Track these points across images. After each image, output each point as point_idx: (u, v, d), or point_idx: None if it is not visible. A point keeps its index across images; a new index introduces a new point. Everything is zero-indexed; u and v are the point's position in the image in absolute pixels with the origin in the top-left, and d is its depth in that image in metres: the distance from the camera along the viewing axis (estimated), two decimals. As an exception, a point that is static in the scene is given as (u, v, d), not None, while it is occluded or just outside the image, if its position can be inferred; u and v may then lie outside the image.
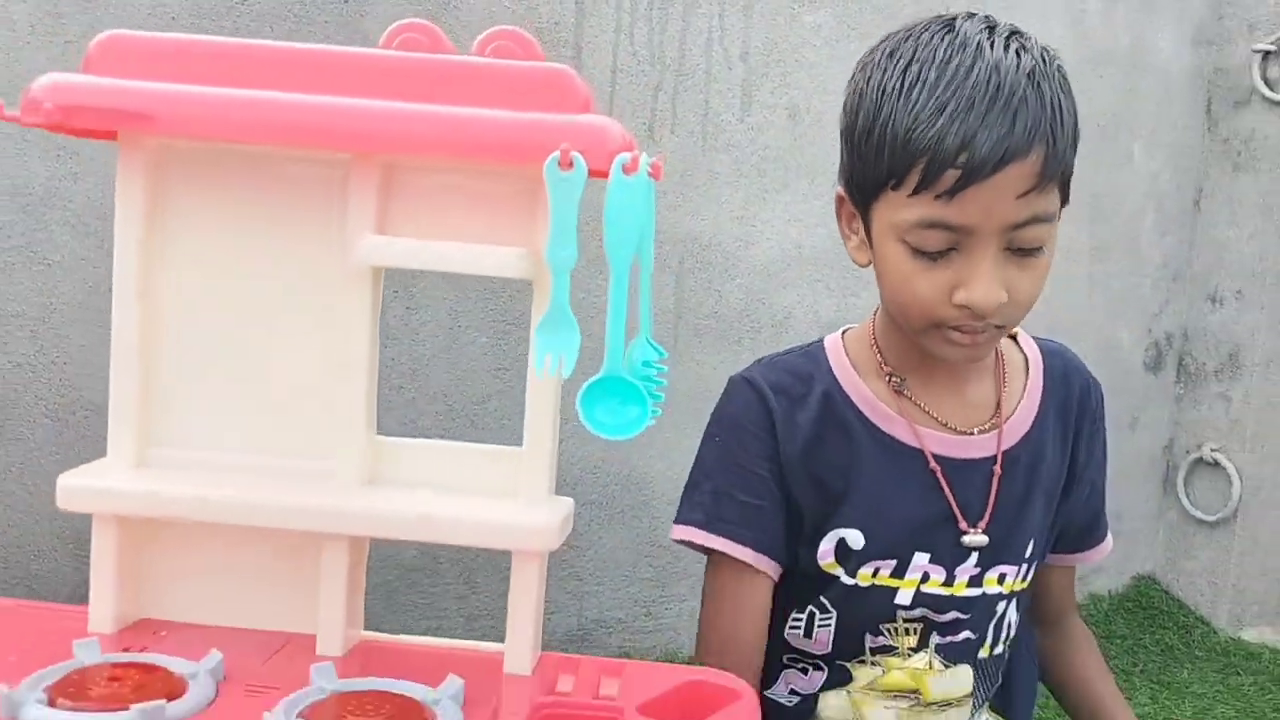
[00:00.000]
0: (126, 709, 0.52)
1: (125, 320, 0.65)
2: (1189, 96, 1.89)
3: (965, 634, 0.86)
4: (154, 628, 0.66)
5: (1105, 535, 0.97)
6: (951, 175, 0.75)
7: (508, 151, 0.59)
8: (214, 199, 0.64)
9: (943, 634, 0.86)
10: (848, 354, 0.93)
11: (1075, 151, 0.82)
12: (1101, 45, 1.79)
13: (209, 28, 1.24)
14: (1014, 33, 0.81)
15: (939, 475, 0.87)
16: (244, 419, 0.66)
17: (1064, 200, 0.81)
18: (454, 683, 0.58)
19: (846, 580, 0.86)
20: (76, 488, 0.63)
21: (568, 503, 0.66)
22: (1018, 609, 0.92)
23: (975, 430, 0.89)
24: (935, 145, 0.76)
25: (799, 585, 0.86)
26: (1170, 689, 1.63)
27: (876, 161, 0.80)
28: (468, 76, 0.61)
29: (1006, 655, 0.91)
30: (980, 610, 0.86)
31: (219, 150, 0.63)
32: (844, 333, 0.94)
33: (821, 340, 0.94)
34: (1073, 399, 0.93)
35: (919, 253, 0.79)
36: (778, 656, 0.90)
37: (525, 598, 0.64)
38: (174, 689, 0.56)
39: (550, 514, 0.63)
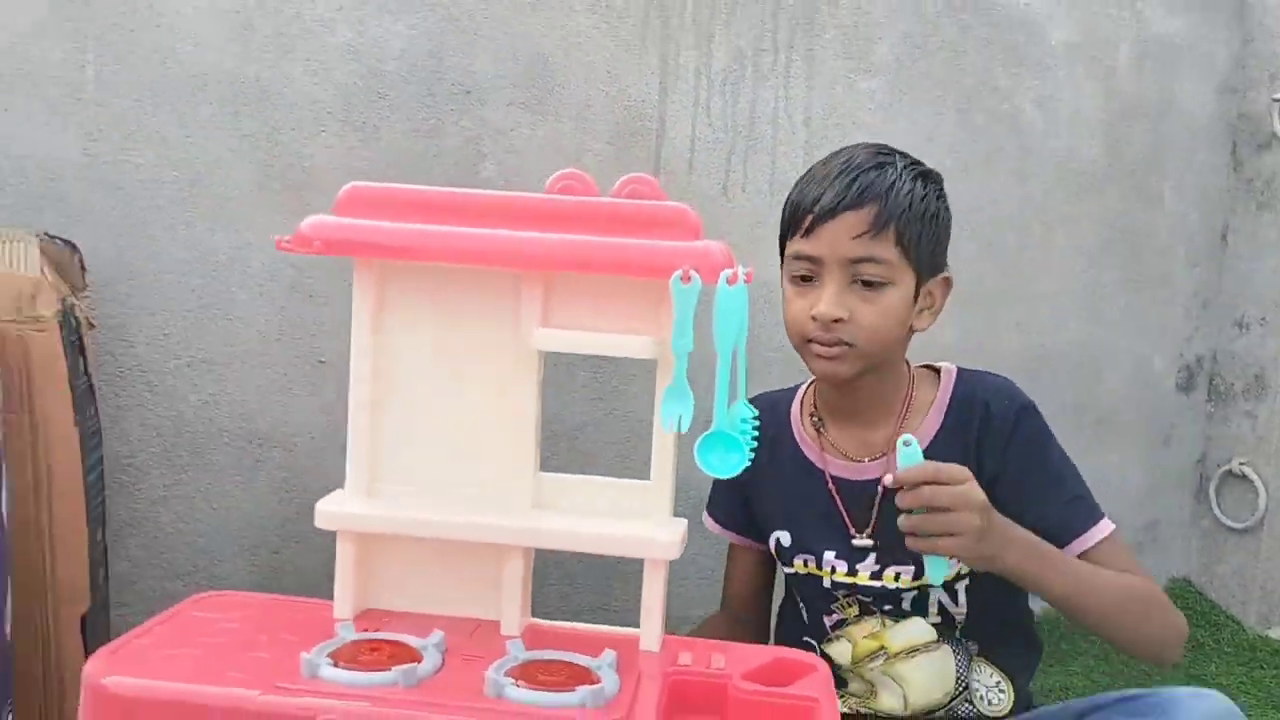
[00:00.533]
0: (389, 669, 0.75)
1: (359, 389, 0.88)
2: (1215, 141, 2.06)
3: (889, 606, 1.11)
4: (379, 615, 0.89)
5: (1085, 528, 1.11)
6: (808, 218, 1.05)
7: (641, 270, 0.81)
8: (423, 300, 0.87)
9: (876, 607, 1.11)
10: (803, 395, 1.22)
11: (923, 231, 1.08)
12: (1132, 99, 1.96)
13: (355, 120, 1.48)
14: (890, 152, 1.10)
15: (834, 493, 1.13)
16: (443, 461, 0.88)
17: (917, 271, 1.07)
18: (609, 654, 0.80)
19: (787, 570, 1.17)
20: (327, 513, 0.86)
21: (683, 522, 0.88)
22: (955, 598, 1.11)
23: (867, 459, 1.13)
24: (799, 203, 1.08)
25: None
26: (1198, 680, 1.79)
27: (783, 225, 1.11)
28: (610, 214, 0.83)
29: (963, 614, 1.12)
30: (889, 598, 1.11)
31: (427, 267, 0.86)
32: (812, 381, 1.20)
33: (803, 383, 1.22)
34: (973, 423, 1.12)
35: (793, 281, 1.08)
36: None
37: (654, 594, 0.86)
38: (414, 657, 0.78)
39: (672, 532, 0.85)
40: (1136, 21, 1.94)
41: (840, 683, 1.13)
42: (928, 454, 1.01)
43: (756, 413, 0.84)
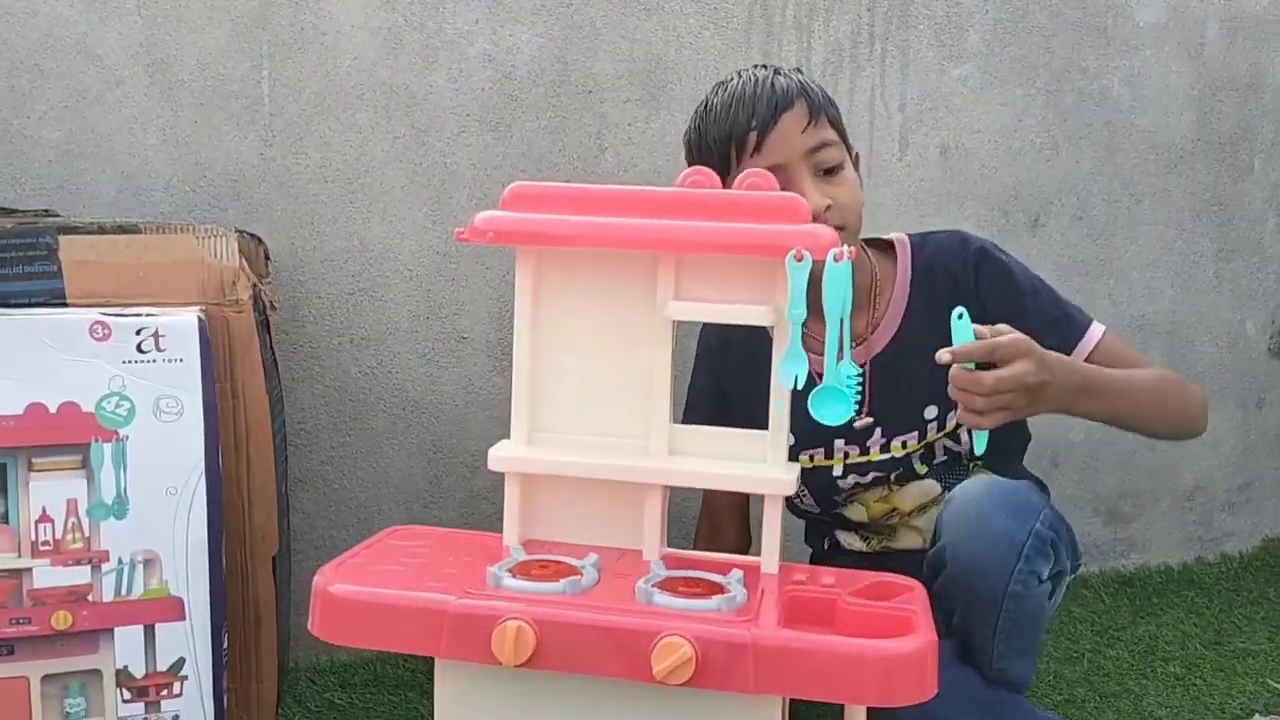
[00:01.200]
0: (558, 581, 0.92)
1: (521, 354, 1.04)
2: (1306, 112, 2.11)
3: (900, 470, 1.22)
4: (538, 544, 1.06)
5: (1079, 338, 1.19)
6: (752, 137, 1.12)
7: (760, 250, 0.96)
8: (574, 280, 1.03)
9: (886, 473, 1.22)
10: None
11: (837, 112, 1.18)
12: (1221, 74, 2.02)
13: (491, 121, 1.65)
14: (764, 65, 1.20)
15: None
16: (591, 414, 1.04)
17: (847, 147, 1.18)
18: (737, 573, 0.96)
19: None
20: (497, 457, 1.03)
21: (796, 466, 1.02)
22: (969, 434, 1.12)
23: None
24: (733, 126, 1.14)
25: None
26: (1291, 634, 1.87)
27: (716, 157, 1.16)
28: (732, 203, 0.98)
29: (968, 448, 1.17)
30: (899, 464, 1.22)
31: (578, 251, 1.02)
32: None
33: None
34: (938, 289, 1.19)
35: None
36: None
37: (773, 525, 1.00)
38: (576, 573, 0.95)
39: (788, 471, 1.00)
40: (1224, 1, 2.00)
41: (858, 527, 1.27)
42: (903, 332, 1.12)
43: (860, 370, 0.98)
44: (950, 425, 1.21)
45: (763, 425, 1.01)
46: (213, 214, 1.55)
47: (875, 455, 1.23)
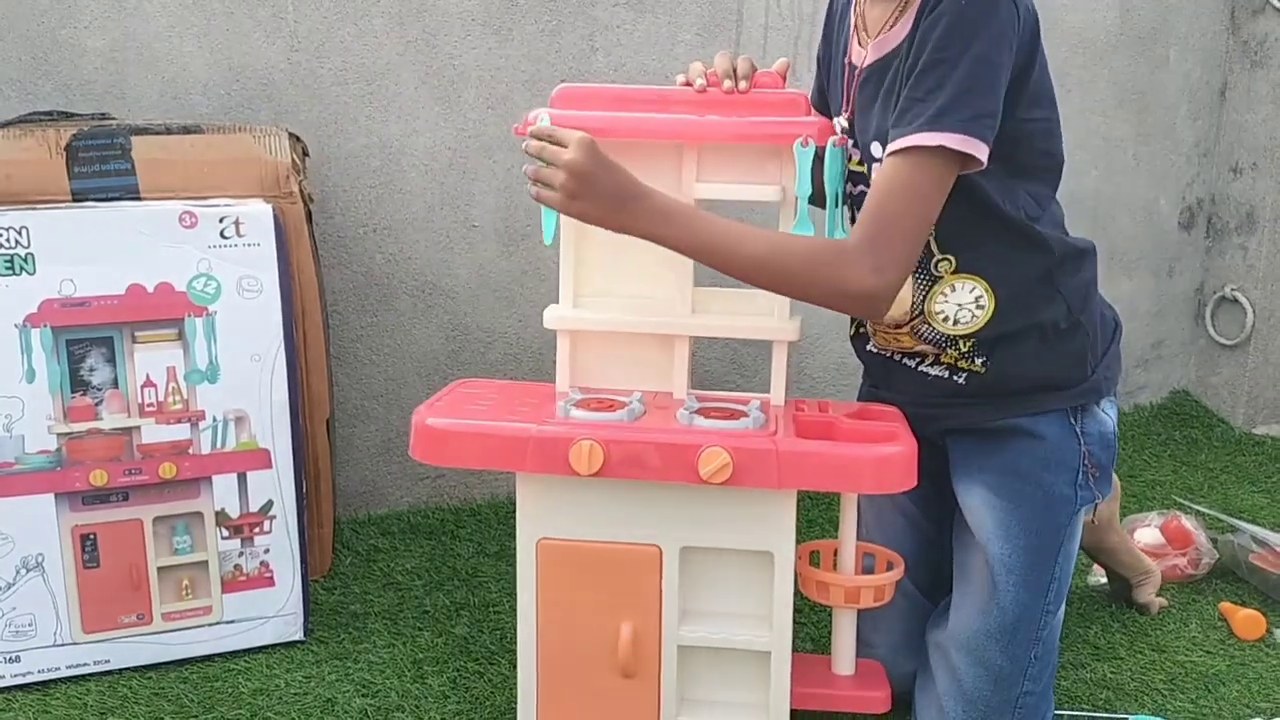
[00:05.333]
0: (615, 411, 1.14)
1: (566, 233, 1.24)
2: (1215, 8, 2.31)
3: (864, 188, 1.18)
4: (586, 389, 1.27)
5: (902, 132, 1.05)
6: None
7: (771, 138, 1.16)
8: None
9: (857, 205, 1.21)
10: None
11: None
12: (1143, -28, 2.25)
13: (494, 25, 1.80)
14: None
15: (844, 70, 1.23)
16: (626, 281, 1.24)
17: None
18: (755, 402, 1.19)
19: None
20: (551, 316, 1.23)
21: (799, 319, 1.24)
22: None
23: (869, 42, 1.18)
24: None
25: None
26: (1190, 465, 2.16)
27: None
28: (748, 100, 1.18)
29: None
30: (862, 180, 1.20)
31: (616, 142, 1.20)
32: None
33: None
34: (925, 19, 1.06)
35: None
36: None
37: (780, 365, 1.23)
38: (626, 407, 1.16)
39: (793, 324, 1.22)
40: (1147, -96, 2.21)
41: None
42: (900, 46, 1.09)
43: (846, 231, 1.19)
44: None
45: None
46: (246, 115, 1.70)
47: (855, 164, 1.22)
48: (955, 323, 1.19)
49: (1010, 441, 1.21)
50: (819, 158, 1.14)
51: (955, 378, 1.23)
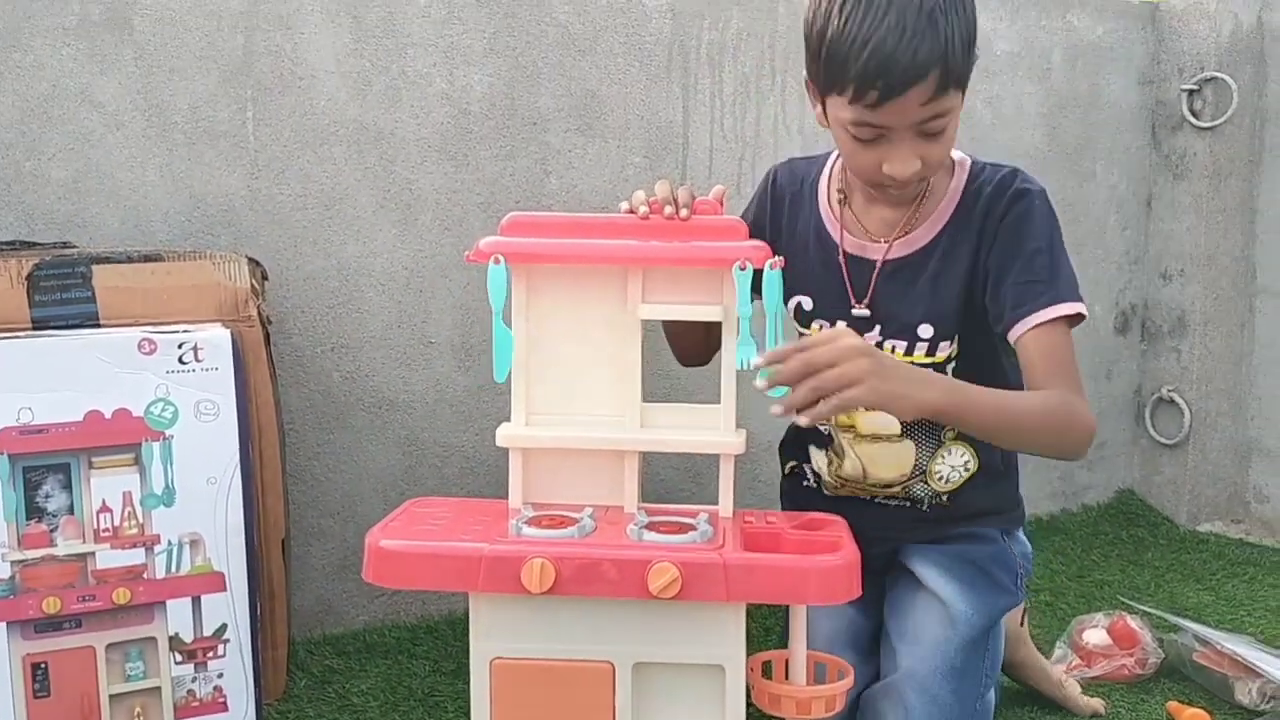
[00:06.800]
0: (566, 528, 1.16)
1: (519, 350, 1.28)
2: (1137, 125, 2.46)
3: None
4: (538, 504, 1.29)
5: (1031, 310, 1.19)
6: (872, 95, 1.09)
7: (710, 262, 1.22)
8: (560, 289, 1.27)
9: None
10: (831, 168, 1.33)
11: (971, 55, 1.11)
12: (1066, 93, 2.37)
13: (450, 151, 1.88)
14: None
15: (844, 265, 1.30)
16: (577, 397, 1.28)
17: (964, 90, 1.13)
18: (704, 515, 1.22)
19: (803, 331, 1.34)
20: (504, 435, 1.26)
21: (744, 432, 1.28)
22: (954, 375, 1.24)
23: (882, 239, 1.28)
24: (860, 73, 1.08)
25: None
26: (1137, 564, 2.20)
27: (823, 74, 1.14)
28: (689, 226, 1.24)
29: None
30: None
31: (563, 267, 1.26)
32: (839, 156, 1.29)
33: (833, 151, 1.31)
34: (978, 210, 1.22)
35: (856, 139, 1.16)
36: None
37: (727, 478, 1.27)
38: (577, 523, 1.19)
39: (738, 436, 1.26)
40: (1067, 31, 2.35)
41: (825, 439, 1.40)
42: (934, 245, 1.20)
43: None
44: (939, 358, 1.26)
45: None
46: (207, 241, 1.75)
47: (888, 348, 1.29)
48: (947, 481, 1.36)
49: (962, 540, 1.36)
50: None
51: (919, 508, 1.38)
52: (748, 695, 1.17)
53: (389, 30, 1.82)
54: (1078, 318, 1.22)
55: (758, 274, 1.20)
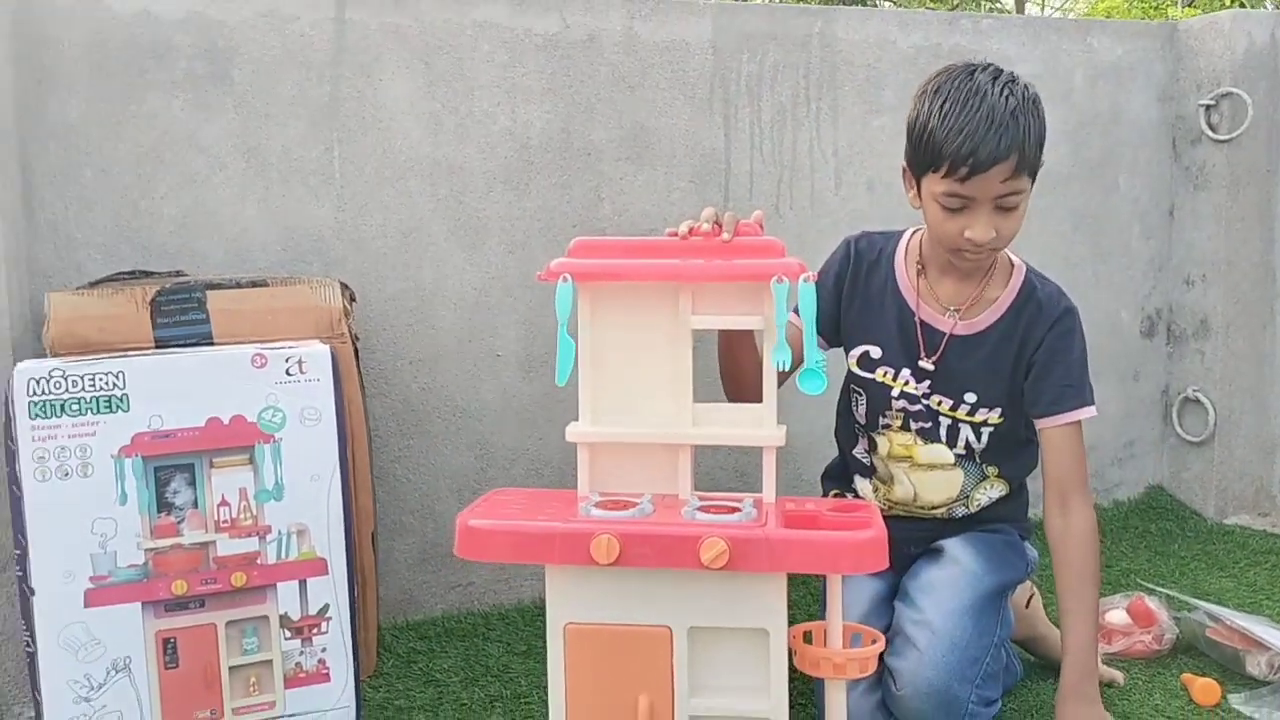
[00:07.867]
0: (629, 509, 1.34)
1: (584, 358, 1.45)
2: (1158, 140, 2.58)
3: (922, 425, 1.59)
4: (604, 493, 1.46)
5: (1063, 409, 1.53)
6: (963, 171, 1.38)
7: (752, 277, 1.39)
8: (620, 301, 1.44)
9: (915, 421, 1.61)
10: (908, 243, 1.61)
11: (1041, 152, 1.42)
12: (1088, 111, 2.50)
13: (513, 182, 2.06)
14: (1010, 80, 1.42)
15: (918, 327, 1.57)
16: (637, 399, 1.45)
17: (1033, 178, 1.43)
18: (750, 500, 1.38)
19: (865, 374, 1.61)
20: (574, 432, 1.44)
21: (784, 427, 1.45)
22: (979, 438, 1.58)
23: (952, 309, 1.56)
24: (955, 155, 1.38)
25: (849, 376, 1.67)
26: (1163, 555, 2.31)
27: (922, 157, 1.44)
28: (733, 246, 1.41)
29: (980, 449, 1.60)
30: (929, 416, 1.59)
31: (624, 284, 1.43)
32: (916, 230, 1.60)
33: (906, 229, 1.62)
34: (1026, 314, 1.53)
35: (945, 208, 1.44)
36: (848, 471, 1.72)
37: (769, 470, 1.43)
38: (638, 506, 1.36)
39: (779, 431, 1.42)
40: (1087, 53, 2.49)
41: (869, 470, 1.69)
42: (991, 331, 1.53)
43: (823, 356, 1.41)
44: (977, 419, 1.57)
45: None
46: (300, 268, 1.95)
47: (921, 390, 1.58)
48: (981, 505, 1.66)
49: (984, 529, 1.64)
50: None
51: (953, 513, 1.66)
52: (790, 660, 1.33)
53: (458, 74, 2.01)
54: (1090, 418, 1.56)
55: (793, 286, 1.37)
